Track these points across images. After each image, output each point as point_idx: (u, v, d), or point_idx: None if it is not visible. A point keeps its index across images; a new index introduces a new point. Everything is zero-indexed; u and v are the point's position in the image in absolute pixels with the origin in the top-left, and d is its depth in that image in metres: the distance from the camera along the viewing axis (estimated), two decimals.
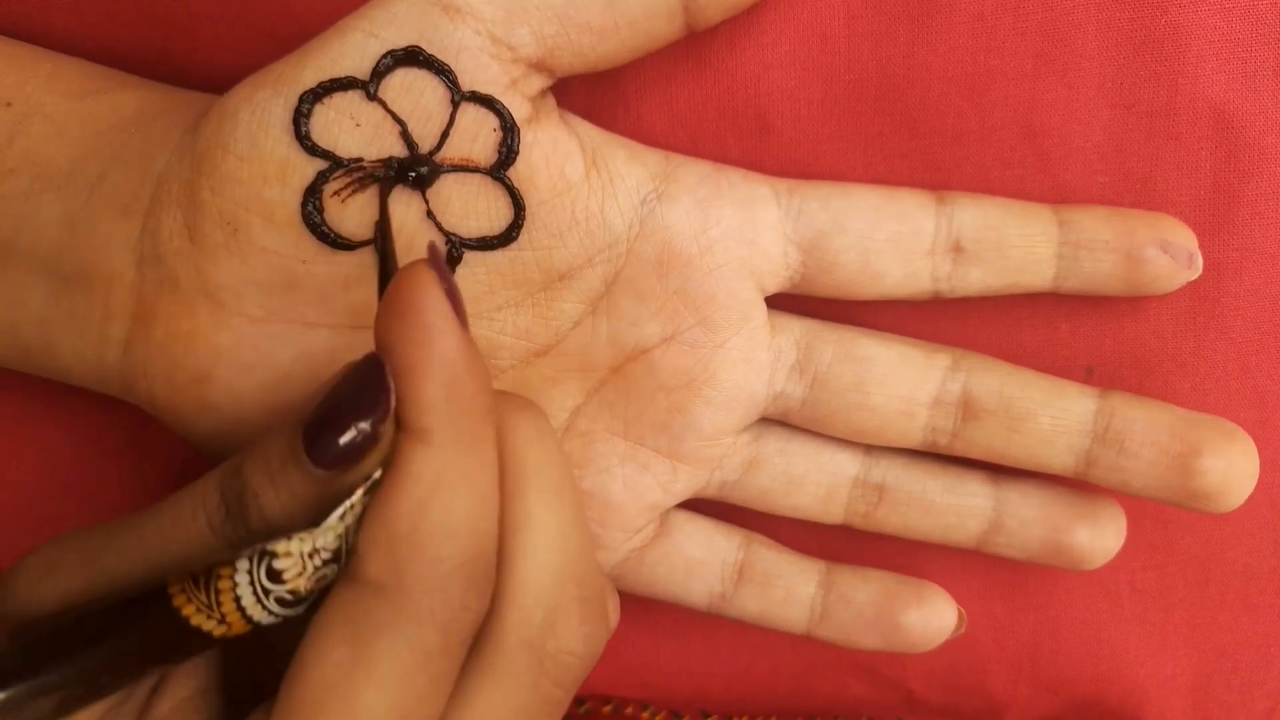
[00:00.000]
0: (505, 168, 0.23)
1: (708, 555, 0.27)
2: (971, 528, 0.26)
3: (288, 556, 0.18)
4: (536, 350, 0.25)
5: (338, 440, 0.18)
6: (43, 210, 0.23)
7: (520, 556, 0.19)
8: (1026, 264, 0.24)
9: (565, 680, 0.20)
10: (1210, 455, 0.24)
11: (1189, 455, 0.24)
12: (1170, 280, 0.24)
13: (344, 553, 0.19)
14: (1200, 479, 0.24)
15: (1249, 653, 0.29)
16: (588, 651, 0.20)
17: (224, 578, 0.18)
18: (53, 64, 0.25)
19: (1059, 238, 0.24)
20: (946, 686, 0.30)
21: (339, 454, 0.18)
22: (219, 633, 0.19)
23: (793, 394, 0.26)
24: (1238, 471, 0.24)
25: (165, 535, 0.20)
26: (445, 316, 0.18)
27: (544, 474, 0.20)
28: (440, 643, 0.18)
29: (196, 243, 0.23)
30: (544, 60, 0.23)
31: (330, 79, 0.22)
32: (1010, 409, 0.25)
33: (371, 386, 0.18)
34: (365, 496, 0.18)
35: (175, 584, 0.19)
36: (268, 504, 0.19)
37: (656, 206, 0.24)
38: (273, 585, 0.18)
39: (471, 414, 0.19)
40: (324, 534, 0.18)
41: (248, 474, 0.19)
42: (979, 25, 0.25)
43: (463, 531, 0.18)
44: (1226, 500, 0.24)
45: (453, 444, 0.18)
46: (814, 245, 0.24)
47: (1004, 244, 0.24)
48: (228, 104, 0.23)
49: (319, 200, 0.22)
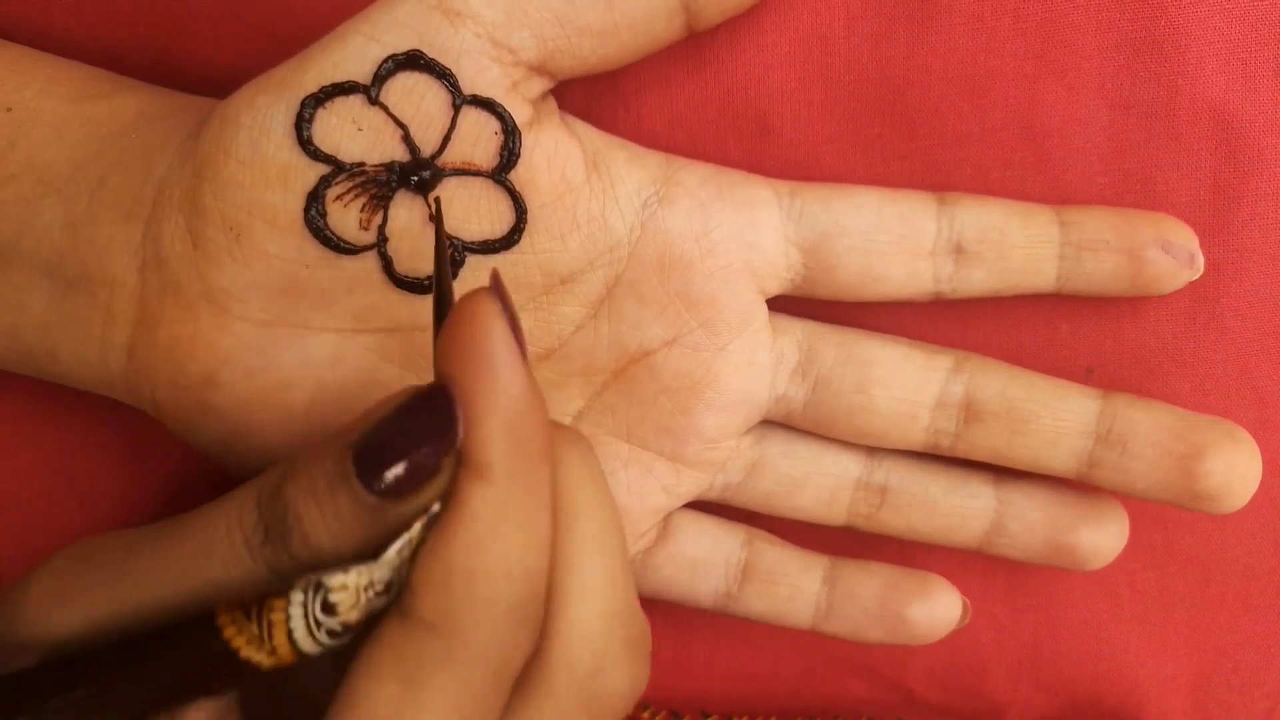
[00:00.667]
0: (507, 171, 0.23)
1: (712, 555, 0.27)
2: (974, 529, 0.26)
3: (343, 590, 0.18)
4: (539, 354, 0.25)
5: (395, 468, 0.18)
6: (44, 214, 0.23)
7: (570, 599, 0.19)
8: (1028, 265, 0.24)
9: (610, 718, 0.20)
10: (1213, 457, 0.24)
11: (1191, 457, 0.24)
12: (1172, 280, 0.24)
13: (396, 586, 0.18)
14: (1203, 481, 0.24)
15: (1249, 653, 0.29)
16: (633, 692, 0.20)
17: (277, 610, 0.18)
18: (51, 68, 0.25)
19: (1060, 239, 0.24)
20: (946, 687, 0.30)
21: (396, 483, 0.18)
22: (268, 665, 0.18)
23: (795, 396, 0.26)
24: (1240, 473, 0.24)
25: (198, 556, 0.19)
26: (510, 350, 0.18)
27: (594, 515, 0.20)
28: (492, 683, 0.18)
29: (199, 247, 0.23)
30: (544, 63, 0.23)
31: (332, 83, 0.22)
32: (1013, 411, 0.25)
33: (439, 416, 0.18)
34: (423, 530, 0.18)
35: (224, 613, 0.18)
36: (312, 529, 0.18)
37: (657, 209, 0.24)
38: (325, 618, 0.18)
39: (531, 453, 0.18)
40: (381, 568, 0.18)
41: (290, 495, 0.19)
42: (979, 26, 0.25)
43: (518, 573, 0.18)
44: (1229, 502, 0.24)
45: (512, 482, 0.18)
46: (815, 247, 0.24)
47: (1006, 245, 0.24)
48: (229, 109, 0.23)
49: (322, 205, 0.22)
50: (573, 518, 0.20)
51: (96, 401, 0.26)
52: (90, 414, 0.29)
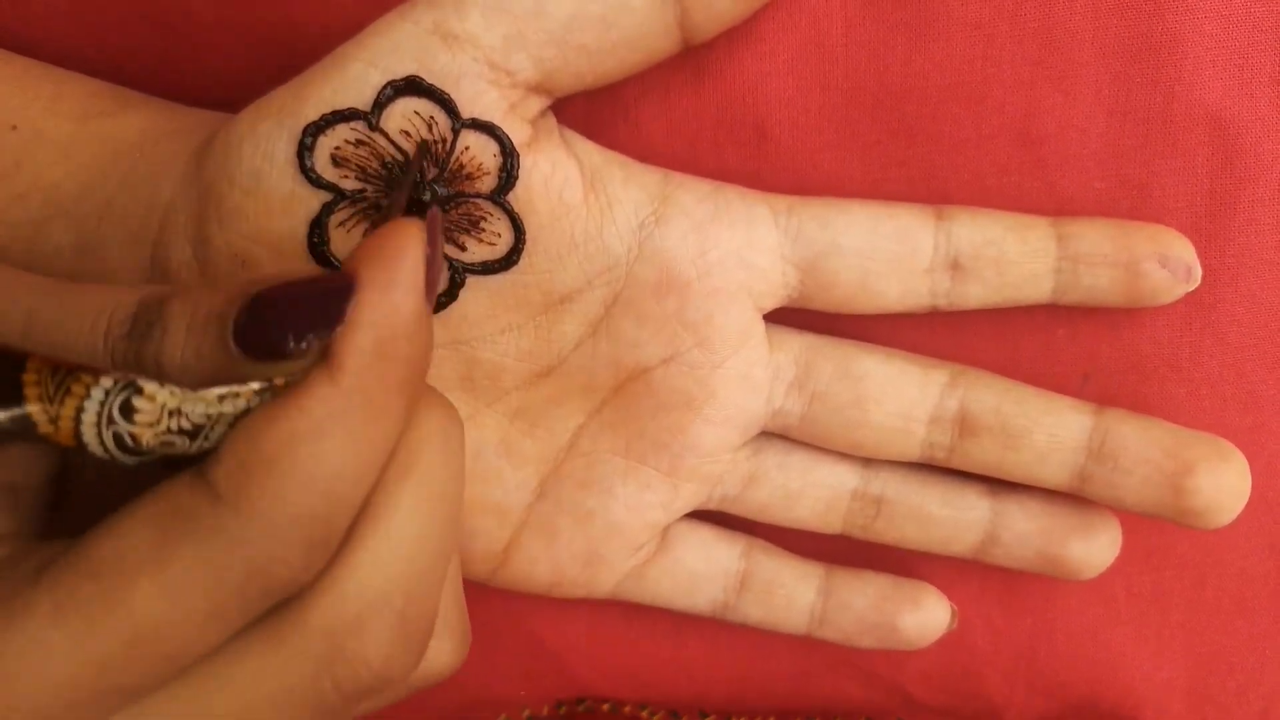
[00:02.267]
0: (505, 192, 0.23)
1: (709, 567, 0.27)
2: (968, 540, 0.27)
3: (150, 400, 0.17)
4: (539, 372, 0.25)
5: (272, 331, 0.17)
6: (54, 236, 0.23)
7: (364, 543, 0.18)
8: (1025, 280, 0.25)
9: (347, 688, 0.18)
10: (1203, 474, 0.24)
11: (1181, 474, 0.24)
12: (1169, 293, 0.24)
13: (202, 436, 0.18)
14: (1192, 497, 0.24)
15: (1244, 656, 0.29)
16: (384, 672, 0.19)
17: (80, 382, 0.17)
18: (54, 85, 0.25)
19: (1057, 252, 0.24)
20: (944, 689, 0.30)
21: (264, 346, 0.17)
22: (44, 430, 0.17)
23: (791, 410, 0.26)
24: (1229, 490, 0.24)
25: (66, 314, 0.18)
26: (414, 274, 0.17)
27: (432, 475, 0.19)
28: (240, 581, 0.17)
29: (207, 275, 0.23)
30: (542, 83, 0.23)
31: (332, 111, 0.22)
32: (1007, 426, 0.25)
33: (333, 302, 0.17)
34: (256, 397, 0.17)
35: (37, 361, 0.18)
36: (170, 346, 0.18)
37: (654, 230, 0.24)
38: (120, 419, 0.17)
39: (390, 378, 0.17)
40: (195, 401, 0.17)
41: (171, 309, 0.18)
42: (976, 33, 0.25)
43: (321, 486, 0.17)
44: (1217, 518, 0.24)
45: (357, 395, 0.17)
46: (812, 265, 0.25)
47: (1003, 261, 0.24)
48: (231, 135, 0.23)
49: (324, 232, 0.23)
50: (408, 469, 0.18)
51: None
52: None
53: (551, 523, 0.26)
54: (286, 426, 0.17)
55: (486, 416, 0.25)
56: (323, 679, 0.18)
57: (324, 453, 0.17)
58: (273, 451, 0.17)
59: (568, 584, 0.27)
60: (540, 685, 0.31)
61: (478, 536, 0.26)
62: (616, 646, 0.30)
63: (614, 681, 0.31)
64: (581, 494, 0.26)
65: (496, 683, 0.31)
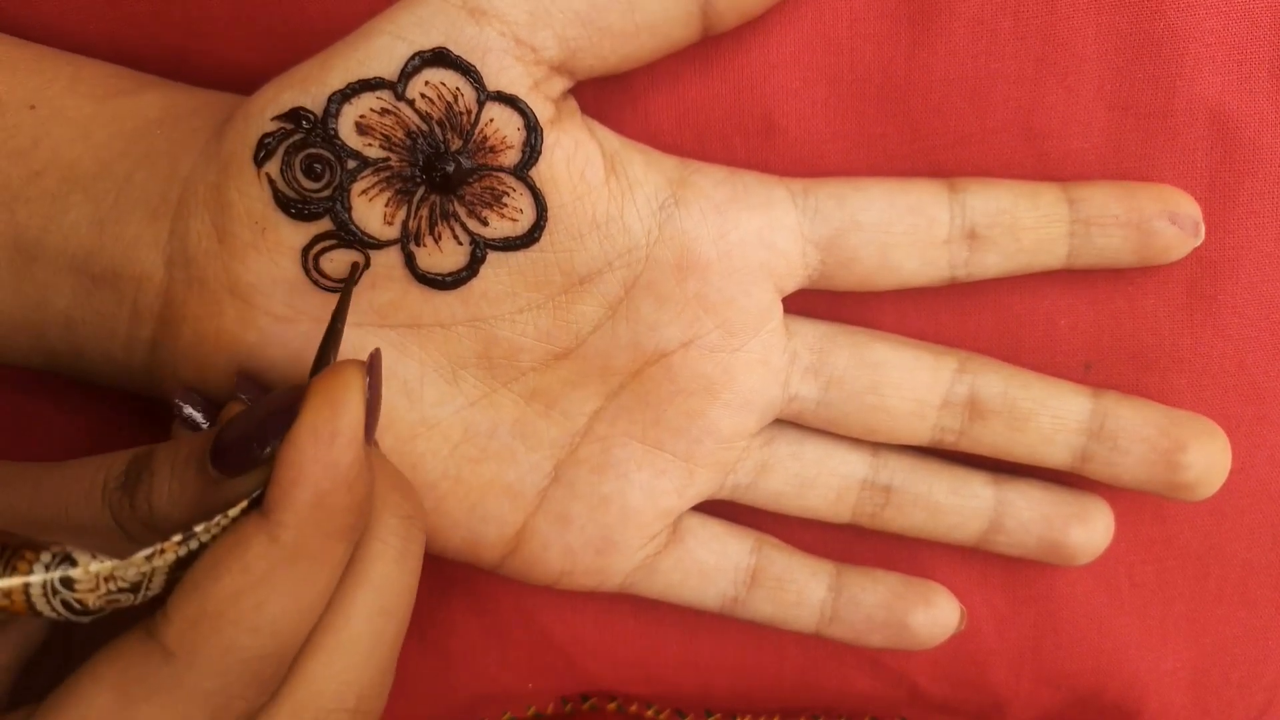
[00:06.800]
0: (528, 167, 0.23)
1: (720, 561, 0.27)
2: (974, 527, 0.27)
3: (85, 570, 0.18)
4: (557, 353, 0.25)
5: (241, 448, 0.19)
6: (71, 211, 0.23)
7: (318, 655, 0.20)
8: (1041, 244, 0.25)
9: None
10: (1194, 450, 0.25)
11: (1174, 451, 0.25)
12: (1179, 249, 0.25)
13: (143, 588, 0.19)
14: (1185, 473, 0.25)
15: (1247, 646, 0.29)
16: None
17: (25, 560, 0.18)
18: (74, 66, 0.25)
19: (1070, 216, 0.25)
20: (950, 680, 0.30)
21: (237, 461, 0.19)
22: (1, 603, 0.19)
23: (808, 396, 0.26)
24: (1216, 465, 0.26)
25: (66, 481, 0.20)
26: (353, 426, 0.19)
27: (382, 591, 0.20)
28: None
29: (225, 243, 0.23)
30: (566, 62, 0.23)
31: (359, 79, 0.22)
32: (1014, 409, 0.26)
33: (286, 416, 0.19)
34: (180, 546, 0.19)
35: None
36: (158, 487, 0.20)
37: (675, 212, 0.24)
38: (63, 590, 0.18)
39: (330, 527, 0.19)
40: (125, 568, 0.19)
41: (156, 458, 0.20)
42: (979, 29, 0.25)
43: (267, 632, 0.18)
44: (1204, 491, 0.26)
45: (294, 550, 0.18)
46: (832, 243, 0.25)
47: (1018, 227, 0.25)
48: (253, 106, 0.23)
49: (346, 199, 0.23)
50: (359, 586, 0.20)
51: (99, 395, 0.27)
52: (99, 408, 0.29)
53: (565, 508, 0.26)
54: (229, 583, 0.18)
55: (503, 396, 0.25)
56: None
57: (265, 603, 0.18)
58: (218, 607, 0.18)
59: (579, 573, 0.26)
60: (549, 680, 0.31)
61: (490, 520, 0.26)
62: (625, 642, 0.30)
63: (622, 677, 0.31)
64: (596, 479, 0.26)
65: (505, 676, 0.30)
